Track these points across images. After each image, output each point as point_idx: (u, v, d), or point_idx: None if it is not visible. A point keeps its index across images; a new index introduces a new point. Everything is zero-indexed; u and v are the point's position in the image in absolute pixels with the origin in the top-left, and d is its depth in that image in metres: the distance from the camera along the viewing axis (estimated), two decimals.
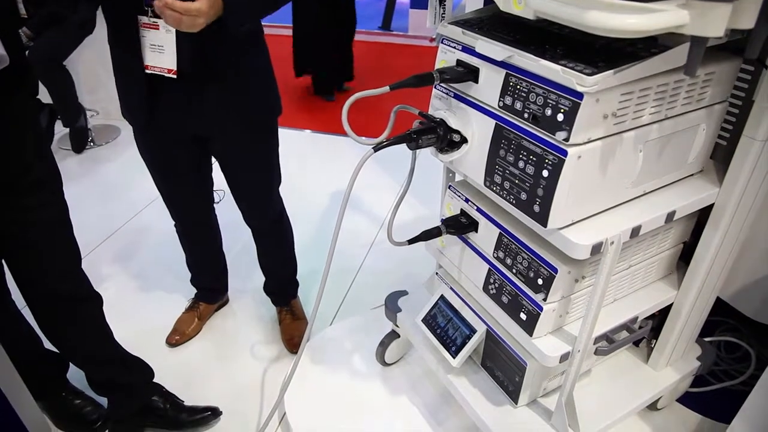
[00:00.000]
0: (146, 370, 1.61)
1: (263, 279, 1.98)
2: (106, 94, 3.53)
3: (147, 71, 1.33)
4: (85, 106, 3.29)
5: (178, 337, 1.93)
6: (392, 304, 1.62)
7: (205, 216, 1.81)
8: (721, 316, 1.81)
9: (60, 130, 3.36)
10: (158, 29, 1.27)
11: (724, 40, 0.98)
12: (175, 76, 1.31)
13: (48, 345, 1.49)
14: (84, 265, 1.39)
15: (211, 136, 1.50)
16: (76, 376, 1.60)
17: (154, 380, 1.63)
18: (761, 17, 0.81)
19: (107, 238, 2.52)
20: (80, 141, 3.29)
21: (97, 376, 1.55)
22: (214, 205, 1.84)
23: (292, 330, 1.94)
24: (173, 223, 1.81)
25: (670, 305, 1.36)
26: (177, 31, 1.25)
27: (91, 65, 3.41)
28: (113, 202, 2.79)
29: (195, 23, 1.17)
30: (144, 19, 1.28)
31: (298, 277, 2.01)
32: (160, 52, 1.29)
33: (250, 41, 1.40)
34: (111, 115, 3.57)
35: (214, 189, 1.77)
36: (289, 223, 1.87)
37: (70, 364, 1.63)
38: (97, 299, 1.44)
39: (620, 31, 0.77)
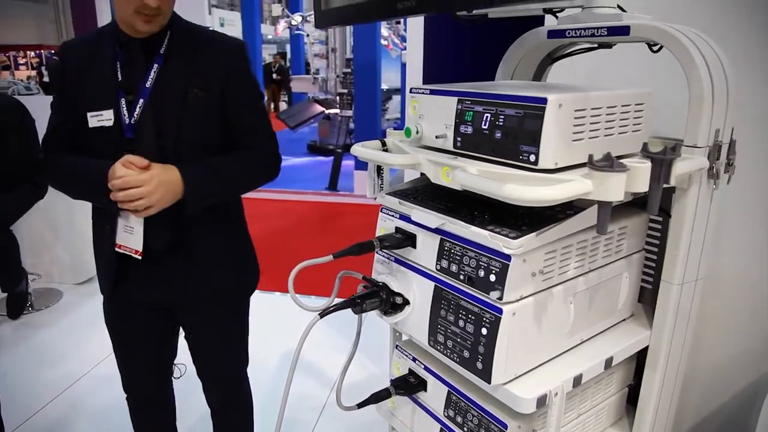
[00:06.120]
0: None
1: None
2: (50, 257, 3.49)
3: (118, 250, 1.38)
4: (27, 269, 3.22)
5: None
6: None
7: (158, 391, 1.69)
8: None
9: None
10: (130, 212, 1.33)
11: (630, 198, 1.11)
12: (140, 258, 1.36)
13: None
14: None
15: (176, 305, 1.51)
16: None
17: None
18: (652, 182, 0.94)
19: (39, 410, 2.34)
20: (18, 306, 3.17)
21: None
22: (173, 380, 1.72)
23: None
24: (125, 396, 1.67)
25: None
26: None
27: (39, 229, 3.41)
28: (48, 372, 2.63)
29: (146, 208, 1.25)
30: None
31: None
32: (130, 234, 1.35)
33: (225, 218, 1.46)
34: (53, 279, 3.50)
35: (175, 363, 1.68)
36: (251, 409, 1.76)
37: None
38: None
39: (534, 201, 0.87)
